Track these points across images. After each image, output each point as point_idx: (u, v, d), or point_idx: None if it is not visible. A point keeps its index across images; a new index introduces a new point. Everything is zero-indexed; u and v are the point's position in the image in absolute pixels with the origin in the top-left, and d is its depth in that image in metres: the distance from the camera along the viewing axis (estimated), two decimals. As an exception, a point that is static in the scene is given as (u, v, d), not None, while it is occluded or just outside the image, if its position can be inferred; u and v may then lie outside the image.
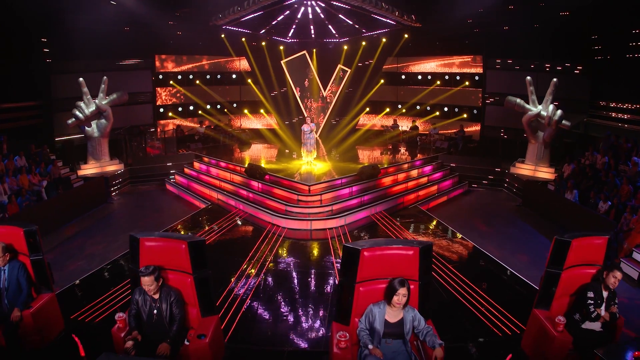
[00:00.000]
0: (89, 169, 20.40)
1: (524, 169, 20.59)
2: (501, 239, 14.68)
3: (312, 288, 11.35)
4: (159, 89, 26.99)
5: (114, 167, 20.99)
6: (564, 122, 18.72)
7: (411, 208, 17.56)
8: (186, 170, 21.91)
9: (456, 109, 26.73)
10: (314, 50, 28.20)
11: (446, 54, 26.83)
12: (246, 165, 18.73)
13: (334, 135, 27.76)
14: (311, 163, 20.16)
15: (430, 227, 15.54)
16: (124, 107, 23.21)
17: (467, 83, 25.94)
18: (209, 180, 20.29)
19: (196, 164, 22.24)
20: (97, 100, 19.77)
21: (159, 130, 26.06)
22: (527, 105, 19.60)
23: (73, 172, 19.78)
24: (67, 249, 13.69)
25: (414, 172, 20.30)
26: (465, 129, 25.55)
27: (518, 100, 19.80)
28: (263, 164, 19.90)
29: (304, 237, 14.89)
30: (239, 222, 16.04)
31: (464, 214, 17.48)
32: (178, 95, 27.61)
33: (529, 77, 19.54)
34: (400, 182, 19.12)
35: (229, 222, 15.86)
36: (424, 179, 20.06)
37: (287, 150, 22.46)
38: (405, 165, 20.72)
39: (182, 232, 14.98)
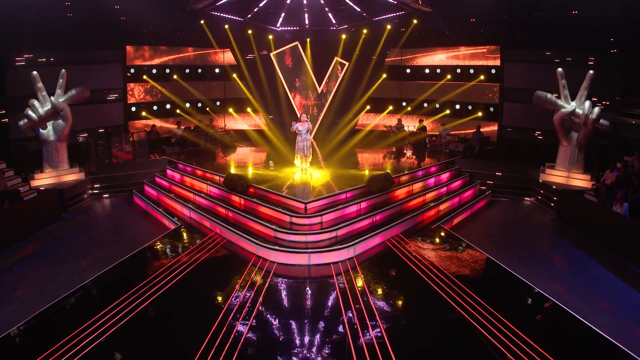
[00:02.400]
0: (43, 179, 17.51)
1: (555, 176, 17.55)
2: (550, 270, 11.73)
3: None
4: (130, 85, 23.66)
5: (73, 176, 18.09)
6: (601, 121, 15.85)
7: (433, 228, 14.00)
8: (157, 179, 18.68)
9: (469, 107, 23.56)
10: (308, 40, 24.71)
11: (458, 44, 23.72)
12: (225, 175, 15.20)
13: (332, 137, 24.46)
14: (306, 171, 16.75)
15: (466, 257, 11.88)
16: (91, 106, 21.03)
17: (482, 77, 22.77)
18: (182, 192, 16.91)
19: (169, 172, 18.90)
20: (53, 98, 16.95)
21: (132, 132, 22.41)
22: (559, 102, 16.76)
23: (26, 183, 16.67)
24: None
25: (431, 181, 16.85)
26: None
27: (549, 95, 16.83)
28: (248, 173, 16.74)
29: (299, 275, 11.25)
30: (214, 253, 12.38)
31: (495, 234, 14.33)
32: (153, 92, 24.24)
33: (560, 69, 16.71)
34: (416, 194, 15.65)
35: (200, 253, 12.20)
36: (443, 189, 16.66)
37: (270, 162, 18.59)
38: (420, 173, 17.20)
39: (135, 269, 11.55)
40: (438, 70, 24.25)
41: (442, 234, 13.53)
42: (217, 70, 25.87)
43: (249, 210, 14.00)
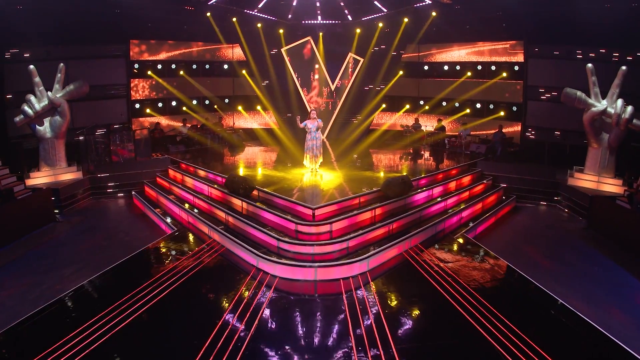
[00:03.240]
0: (39, 178, 16.44)
1: (584, 180, 16.02)
2: (585, 286, 10.22)
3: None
4: (134, 80, 22.41)
5: (70, 175, 16.99)
6: (635, 121, 14.39)
7: (456, 237, 12.47)
8: (159, 179, 17.45)
9: (491, 106, 21.99)
10: (320, 34, 23.32)
11: (479, 39, 22.14)
12: (227, 176, 13.88)
13: (344, 136, 23.08)
14: (316, 172, 15.41)
15: (494, 273, 10.36)
16: (92, 102, 20.17)
17: (504, 74, 21.20)
18: (182, 194, 15.62)
19: (171, 172, 17.68)
20: (50, 93, 15.99)
21: (133, 130, 21.28)
22: (589, 100, 15.31)
23: (21, 182, 15.50)
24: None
25: (452, 185, 15.42)
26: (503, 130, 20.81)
27: (579, 93, 15.38)
28: (254, 174, 15.46)
29: (303, 291, 9.80)
30: (209, 264, 10.92)
31: (522, 244, 12.83)
32: (158, 88, 22.94)
33: (590, 65, 15.23)
34: (435, 200, 14.21)
35: (194, 264, 10.79)
36: (465, 194, 15.18)
37: (289, 165, 17.44)
38: (440, 176, 15.77)
39: (117, 282, 10.20)
40: (457, 67, 22.72)
41: (466, 244, 12.01)
42: (225, 67, 24.52)
43: (252, 216, 12.65)
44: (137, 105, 22.48)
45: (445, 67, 23.16)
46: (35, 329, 8.16)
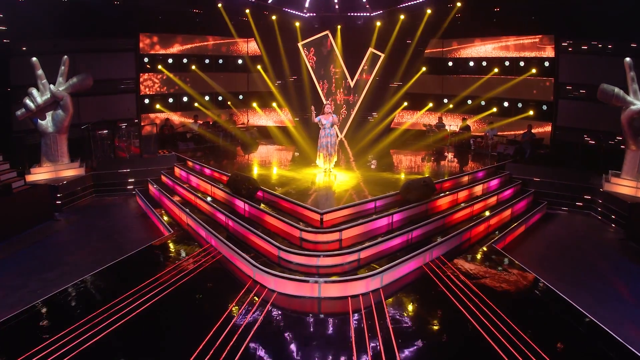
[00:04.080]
0: (40, 174, 15.66)
1: (622, 186, 14.35)
2: (630, 310, 8.70)
3: None
4: (144, 75, 21.32)
5: (72, 171, 16.15)
6: None
7: (482, 249, 10.93)
8: (163, 178, 16.31)
9: (519, 104, 20.42)
10: (338, 27, 21.90)
11: (506, 33, 20.58)
12: (230, 175, 12.64)
13: (361, 135, 21.74)
14: (330, 173, 14.10)
15: (528, 292, 8.94)
16: (101, 97, 19.53)
17: (533, 71, 19.62)
18: (184, 193, 14.44)
19: (177, 170, 16.55)
20: (53, 86, 15.20)
21: (141, 125, 20.40)
22: (628, 97, 13.81)
23: (21, 177, 14.73)
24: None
25: (478, 189, 13.94)
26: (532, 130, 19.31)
27: (616, 89, 13.83)
28: (262, 173, 14.35)
29: (305, 310, 8.45)
30: (202, 273, 9.65)
31: (556, 256, 11.34)
32: (169, 83, 21.83)
33: (628, 59, 13.70)
34: (460, 205, 12.71)
35: (185, 272, 9.55)
36: (493, 199, 13.69)
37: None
38: (466, 179, 14.31)
39: (98, 289, 8.99)
40: (484, 63, 21.17)
41: (495, 257, 10.47)
42: (239, 62, 23.30)
43: (255, 220, 11.34)
44: (147, 101, 21.37)
45: (471, 63, 21.64)
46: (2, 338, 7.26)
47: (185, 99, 22.13)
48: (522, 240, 12.42)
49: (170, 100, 21.96)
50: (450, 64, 22.40)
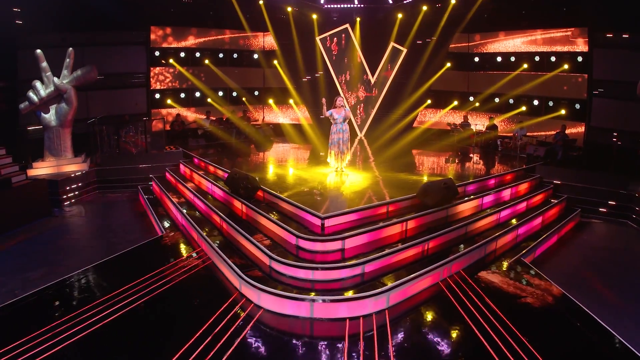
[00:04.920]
0: (42, 168, 15.16)
1: (662, 193, 12.80)
2: None
3: None
4: (155, 69, 20.47)
5: (74, 166, 15.62)
6: None
7: (511, 262, 9.45)
8: (167, 175, 15.49)
9: (550, 103, 18.95)
10: (357, 19, 20.64)
11: (536, 26, 19.12)
12: (229, 172, 11.44)
13: (383, 133, 20.44)
14: (342, 172, 12.86)
15: (560, 317, 7.49)
16: (111, 91, 19.21)
17: (566, 66, 18.16)
18: (184, 192, 13.48)
19: (182, 167, 15.66)
20: (57, 79, 14.71)
21: (146, 120, 19.41)
22: None
23: (22, 172, 14.17)
24: None
25: (506, 193, 12.48)
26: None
27: (658, 86, 12.30)
28: (267, 172, 13.29)
29: (295, 331, 7.12)
30: (186, 281, 8.48)
31: (592, 273, 9.83)
32: (182, 78, 20.95)
33: None
34: (486, 211, 11.23)
35: (168, 278, 8.46)
36: (522, 205, 12.23)
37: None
38: (492, 182, 12.86)
39: (72, 293, 7.88)
40: (512, 59, 19.73)
41: (523, 272, 9.02)
42: (255, 56, 22.20)
43: (252, 222, 10.12)
44: (157, 96, 20.53)
45: (498, 59, 20.19)
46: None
47: (197, 94, 21.21)
48: (554, 252, 10.96)
49: (182, 95, 21.06)
50: (476, 59, 20.96)
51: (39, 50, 14.50)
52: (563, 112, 18.29)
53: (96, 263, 9.30)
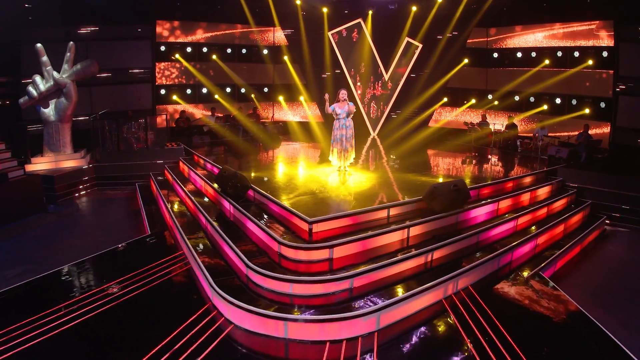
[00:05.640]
0: (40, 164, 14.85)
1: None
2: None
3: None
4: (160, 64, 19.70)
5: (72, 162, 15.21)
6: None
7: (525, 278, 8.22)
8: (167, 172, 14.81)
9: (573, 101, 17.64)
10: (369, 12, 19.44)
11: (558, 19, 17.84)
12: (220, 169, 10.52)
13: (396, 132, 19.42)
14: (345, 172, 11.82)
15: (582, 345, 6.32)
16: (115, 87, 18.81)
17: (590, 62, 16.89)
18: (179, 190, 12.68)
19: (181, 165, 14.91)
20: (55, 73, 14.34)
21: (149, 117, 18.67)
22: None
23: (20, 167, 13.70)
24: None
25: (525, 198, 11.23)
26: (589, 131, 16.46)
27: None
28: (264, 171, 12.35)
29: (269, 352, 6.08)
30: (160, 286, 7.63)
31: (620, 291, 8.62)
32: (189, 73, 20.11)
33: None
34: (502, 217, 10.03)
35: (142, 282, 7.64)
36: (542, 211, 10.98)
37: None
38: (509, 185, 11.61)
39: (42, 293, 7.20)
40: (533, 54, 18.46)
41: (542, 289, 7.79)
42: (265, 52, 21.18)
43: (238, 225, 9.11)
44: (163, 91, 19.76)
45: (519, 54, 18.92)
46: None
47: (204, 90, 20.30)
48: (577, 265, 9.75)
49: (189, 91, 20.22)
50: (495, 55, 19.69)
51: (39, 44, 14.14)
52: (587, 111, 17.01)
53: (68, 265, 8.65)
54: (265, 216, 8.92)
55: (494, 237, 9.32)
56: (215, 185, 10.70)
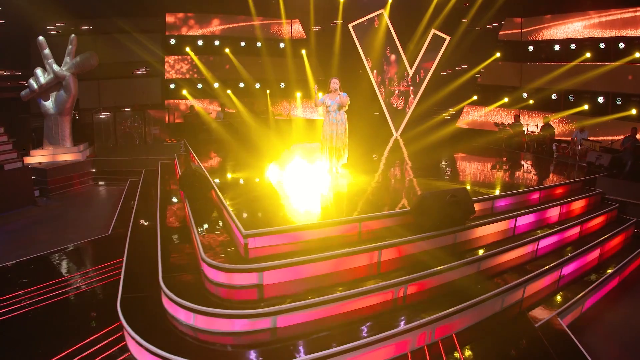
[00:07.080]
0: (38, 156, 14.84)
1: None
2: None
3: None
4: (170, 58, 18.69)
5: (69, 156, 15.10)
6: None
7: (537, 326, 5.95)
8: (159, 168, 14.18)
9: (618, 100, 15.10)
10: (389, 1, 17.33)
11: (600, 7, 15.41)
12: (185, 169, 9.03)
13: (416, 130, 17.52)
14: (337, 173, 9.98)
15: None
16: (123, 80, 18.19)
17: (636, 55, 14.35)
18: (159, 188, 11.61)
19: (175, 161, 14.09)
20: (55, 66, 14.35)
21: (150, 112, 18.09)
22: None
23: (19, 159, 13.94)
24: None
25: (554, 214, 8.91)
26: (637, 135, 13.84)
27: None
28: (247, 171, 10.73)
29: None
30: (88, 291, 6.69)
31: None
32: (199, 67, 18.79)
33: None
34: (517, 239, 7.72)
35: (74, 286, 7.02)
36: (573, 231, 8.68)
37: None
38: (535, 197, 9.31)
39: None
40: (572, 46, 16.04)
41: (557, 342, 5.59)
42: (281, 45, 19.63)
43: (192, 230, 7.48)
44: (172, 86, 18.72)
45: (556, 47, 16.50)
46: None
47: (216, 84, 18.89)
48: (614, 304, 7.46)
49: (199, 86, 19.00)
50: (530, 47, 17.30)
51: (41, 37, 14.13)
52: (634, 111, 14.48)
53: (49, 251, 8.76)
54: (221, 223, 7.37)
55: (503, 265, 7.17)
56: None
